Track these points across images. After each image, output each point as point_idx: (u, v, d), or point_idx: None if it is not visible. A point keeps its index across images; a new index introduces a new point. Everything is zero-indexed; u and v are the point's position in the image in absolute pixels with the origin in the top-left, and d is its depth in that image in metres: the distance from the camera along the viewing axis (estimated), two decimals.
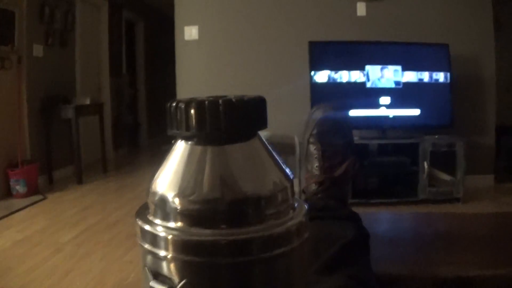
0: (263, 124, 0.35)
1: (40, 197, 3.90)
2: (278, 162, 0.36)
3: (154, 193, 0.35)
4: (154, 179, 0.36)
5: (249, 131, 0.35)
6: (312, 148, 1.10)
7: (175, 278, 0.32)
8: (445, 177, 3.68)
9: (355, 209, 1.07)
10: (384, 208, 3.45)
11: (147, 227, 0.34)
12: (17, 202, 3.72)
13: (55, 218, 3.38)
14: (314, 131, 1.10)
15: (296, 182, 0.93)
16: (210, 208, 0.32)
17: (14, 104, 4.02)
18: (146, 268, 0.34)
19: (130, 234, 2.93)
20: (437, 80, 3.72)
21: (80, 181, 4.46)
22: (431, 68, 3.71)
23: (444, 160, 3.62)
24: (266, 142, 0.36)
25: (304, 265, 0.37)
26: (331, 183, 1.06)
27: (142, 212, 0.36)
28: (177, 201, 0.33)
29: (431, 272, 1.09)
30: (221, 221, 0.32)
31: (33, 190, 3.95)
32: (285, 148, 3.15)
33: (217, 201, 0.32)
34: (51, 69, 4.59)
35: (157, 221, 0.34)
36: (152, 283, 0.33)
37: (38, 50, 4.36)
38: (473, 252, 1.21)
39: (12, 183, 3.85)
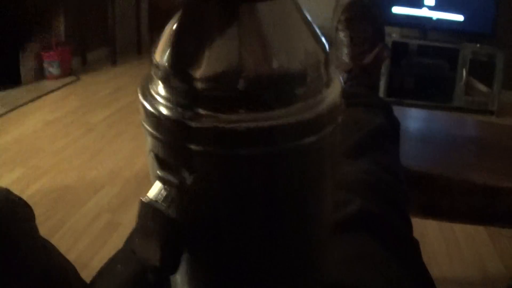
0: None
1: (73, 78, 3.93)
2: (313, 28, 0.29)
3: (158, 65, 0.28)
4: (157, 46, 0.29)
5: None
6: (341, 35, 1.06)
7: (184, 169, 0.26)
8: (482, 87, 3.60)
9: None
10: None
11: (148, 106, 0.28)
12: (50, 84, 3.74)
13: (87, 99, 3.43)
14: (342, 17, 1.06)
15: None
16: (224, 86, 0.25)
17: None
18: (152, 153, 0.29)
19: None
20: None
21: (114, 63, 4.41)
22: None
23: (482, 70, 3.52)
24: (299, 4, 0.29)
25: (336, 154, 0.31)
26: (360, 70, 1.03)
27: (146, 87, 0.29)
28: (183, 76, 0.26)
29: (460, 174, 1.08)
30: (238, 104, 0.25)
31: (67, 71, 3.97)
32: None
33: (234, 76, 0.25)
34: None
35: (161, 99, 0.27)
36: (159, 172, 0.28)
37: None
38: (505, 163, 1.17)
39: (45, 64, 3.85)
